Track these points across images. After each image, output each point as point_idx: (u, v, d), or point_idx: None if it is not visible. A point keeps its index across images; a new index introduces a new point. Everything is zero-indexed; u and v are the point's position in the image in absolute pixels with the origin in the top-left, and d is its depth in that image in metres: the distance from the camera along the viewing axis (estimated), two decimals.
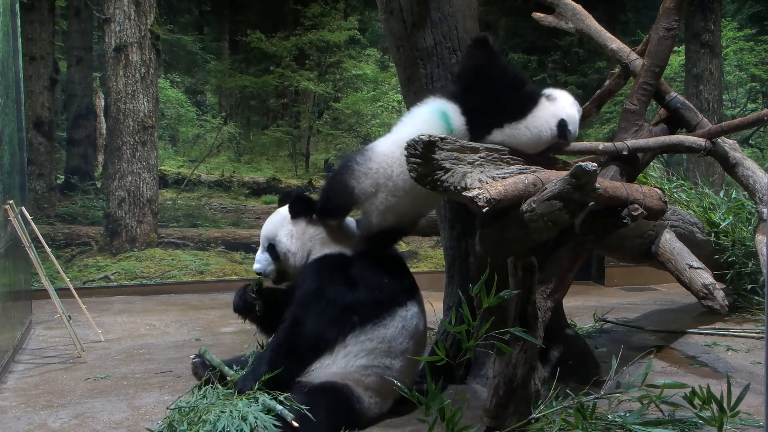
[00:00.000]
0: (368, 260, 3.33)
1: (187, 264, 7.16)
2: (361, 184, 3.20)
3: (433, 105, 3.17)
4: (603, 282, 7.45)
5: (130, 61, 6.97)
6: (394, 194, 3.16)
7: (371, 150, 3.25)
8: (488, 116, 3.09)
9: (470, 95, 3.14)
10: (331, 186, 3.41)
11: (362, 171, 3.19)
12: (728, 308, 4.09)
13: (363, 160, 3.21)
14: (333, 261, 3.34)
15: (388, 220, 3.25)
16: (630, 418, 2.91)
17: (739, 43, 7.84)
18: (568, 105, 3.25)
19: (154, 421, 3.29)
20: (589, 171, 2.49)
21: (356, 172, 3.20)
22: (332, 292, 3.24)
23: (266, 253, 3.48)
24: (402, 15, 3.66)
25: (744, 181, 4.23)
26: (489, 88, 3.16)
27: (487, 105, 3.11)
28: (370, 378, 3.23)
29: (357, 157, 3.25)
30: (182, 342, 5.03)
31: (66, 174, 6.89)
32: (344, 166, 3.29)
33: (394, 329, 3.27)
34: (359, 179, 3.20)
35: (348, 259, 3.34)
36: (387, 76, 7.51)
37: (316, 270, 3.33)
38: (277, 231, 3.45)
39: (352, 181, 3.20)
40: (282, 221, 3.47)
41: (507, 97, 3.14)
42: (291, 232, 3.42)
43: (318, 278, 3.30)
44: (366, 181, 3.19)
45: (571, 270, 3.27)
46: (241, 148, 7.34)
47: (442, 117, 3.10)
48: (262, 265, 3.48)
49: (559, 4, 4.35)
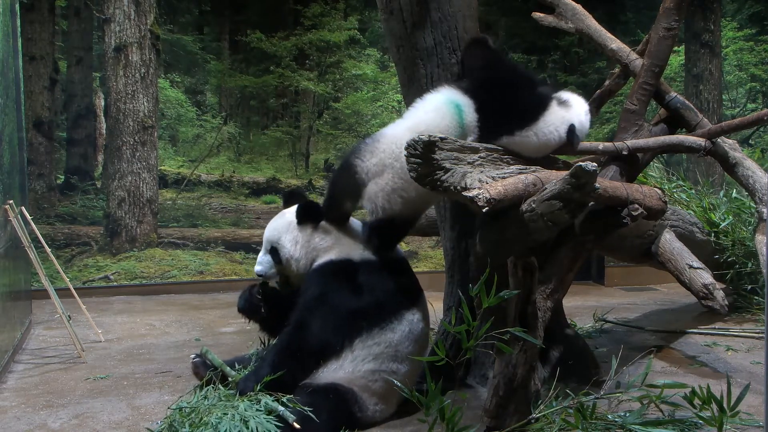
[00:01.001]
0: (375, 264, 3.31)
1: (187, 264, 7.16)
2: (366, 162, 3.18)
3: (447, 95, 3.14)
4: (603, 282, 7.45)
5: (130, 61, 6.97)
6: (401, 176, 3.08)
7: (380, 133, 3.26)
8: (500, 120, 3.04)
9: (485, 93, 3.10)
10: (338, 170, 3.42)
11: (368, 150, 3.19)
12: (728, 308, 4.09)
13: (371, 140, 3.23)
14: (339, 266, 3.31)
15: (395, 205, 3.17)
16: (630, 418, 2.91)
17: (739, 43, 7.84)
18: (582, 112, 3.21)
19: (154, 421, 3.29)
20: (589, 171, 2.49)
21: (362, 151, 3.21)
22: (338, 297, 3.23)
23: (268, 256, 3.46)
24: (402, 15, 3.66)
25: (744, 181, 4.23)
26: (502, 89, 3.13)
27: (500, 107, 3.06)
28: (377, 384, 3.21)
29: (366, 139, 3.28)
30: (182, 342, 5.03)
31: (66, 174, 6.89)
32: (352, 149, 3.32)
33: (401, 333, 3.26)
34: (364, 157, 3.19)
35: (354, 264, 3.31)
36: (387, 76, 7.51)
37: (322, 275, 3.31)
38: (281, 235, 3.43)
39: (357, 159, 3.20)
40: (287, 226, 3.44)
41: (520, 101, 3.10)
42: (296, 238, 3.40)
43: (323, 283, 3.27)
44: (372, 159, 3.17)
45: (571, 270, 3.27)
46: (241, 148, 7.34)
47: (456, 109, 3.07)
48: (263, 268, 3.47)
49: (559, 4, 4.35)
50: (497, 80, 3.18)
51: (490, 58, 3.30)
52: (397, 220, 3.24)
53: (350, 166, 3.22)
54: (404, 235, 3.48)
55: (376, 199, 3.18)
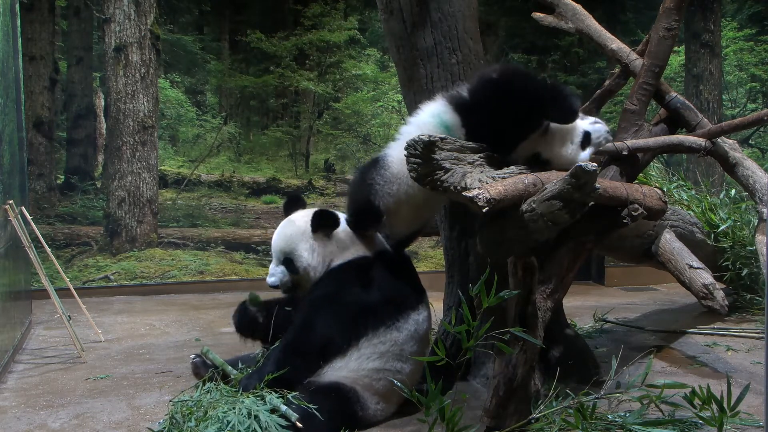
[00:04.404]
0: (385, 263, 3.33)
1: (187, 264, 7.16)
2: (386, 202, 3.22)
3: (436, 112, 3.09)
4: (603, 282, 7.45)
5: (130, 61, 6.97)
6: (417, 207, 3.23)
7: (390, 171, 3.21)
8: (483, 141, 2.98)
9: (470, 116, 3.02)
10: (359, 206, 3.36)
11: (385, 192, 3.21)
12: (728, 308, 4.10)
13: (384, 181, 3.21)
14: (355, 266, 3.31)
15: (415, 225, 3.40)
16: (630, 418, 2.91)
17: (739, 43, 7.84)
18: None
19: (154, 421, 3.29)
20: (589, 171, 2.49)
21: (380, 193, 3.22)
22: (346, 295, 3.23)
23: (281, 267, 3.40)
24: (402, 15, 3.66)
25: (744, 181, 4.23)
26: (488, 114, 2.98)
27: (482, 133, 2.97)
28: (380, 383, 3.21)
29: (377, 177, 3.23)
30: (182, 342, 5.03)
31: (66, 174, 6.89)
32: (366, 185, 3.27)
33: (407, 333, 3.26)
34: (384, 198, 3.22)
35: (369, 261, 3.33)
36: (387, 76, 7.51)
37: (338, 275, 3.30)
38: (296, 245, 3.36)
39: (378, 200, 3.23)
40: (301, 235, 3.37)
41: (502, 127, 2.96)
42: (312, 246, 3.35)
43: (338, 283, 3.27)
44: (389, 199, 3.21)
45: (571, 270, 3.26)
46: (241, 148, 7.34)
47: (444, 128, 3.05)
48: (277, 278, 3.39)
49: (559, 4, 4.35)
50: (485, 103, 3.00)
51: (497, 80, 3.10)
52: (412, 234, 3.50)
53: (372, 207, 3.24)
54: (416, 239, 3.67)
55: (398, 227, 3.33)
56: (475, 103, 3.01)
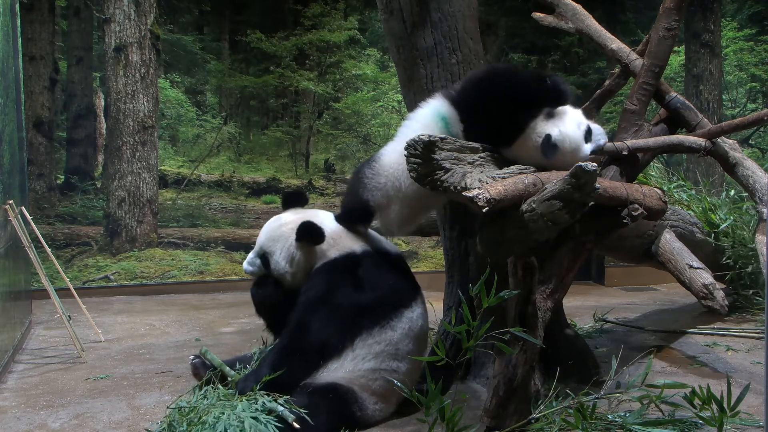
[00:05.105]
0: (375, 260, 3.32)
1: (187, 264, 7.16)
2: (375, 197, 3.22)
3: (434, 108, 3.10)
4: (603, 282, 7.45)
5: (130, 61, 6.97)
6: (407, 205, 3.20)
7: (379, 162, 3.24)
8: (481, 136, 2.96)
9: (467, 108, 3.03)
10: (349, 199, 3.42)
11: (373, 185, 3.22)
12: (728, 308, 4.09)
13: (372, 174, 3.23)
14: (341, 264, 3.31)
15: (409, 227, 3.39)
16: (630, 418, 2.91)
17: (739, 43, 7.84)
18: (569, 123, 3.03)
19: (153, 421, 3.29)
20: (589, 171, 2.49)
21: (368, 186, 3.23)
22: (339, 296, 3.22)
23: (258, 259, 3.45)
24: (402, 15, 3.65)
25: (744, 181, 4.22)
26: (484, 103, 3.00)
27: (480, 126, 2.98)
28: (377, 383, 3.21)
29: (366, 170, 3.27)
30: (182, 342, 5.03)
31: (66, 174, 6.89)
32: (357, 179, 3.31)
33: (401, 331, 3.25)
34: (372, 192, 3.22)
35: (356, 258, 3.31)
36: (387, 76, 7.51)
37: (325, 274, 3.30)
38: (275, 248, 3.39)
39: (366, 194, 3.23)
40: (284, 240, 3.38)
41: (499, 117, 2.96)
42: (292, 255, 3.36)
43: (326, 283, 3.27)
44: (377, 193, 3.22)
45: (571, 270, 3.26)
46: (241, 148, 7.34)
47: (442, 122, 3.05)
48: (252, 269, 3.46)
49: (559, 4, 4.35)
50: (480, 94, 3.02)
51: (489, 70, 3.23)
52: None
53: (360, 201, 3.26)
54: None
55: (391, 227, 3.33)
56: (467, 96, 3.06)
